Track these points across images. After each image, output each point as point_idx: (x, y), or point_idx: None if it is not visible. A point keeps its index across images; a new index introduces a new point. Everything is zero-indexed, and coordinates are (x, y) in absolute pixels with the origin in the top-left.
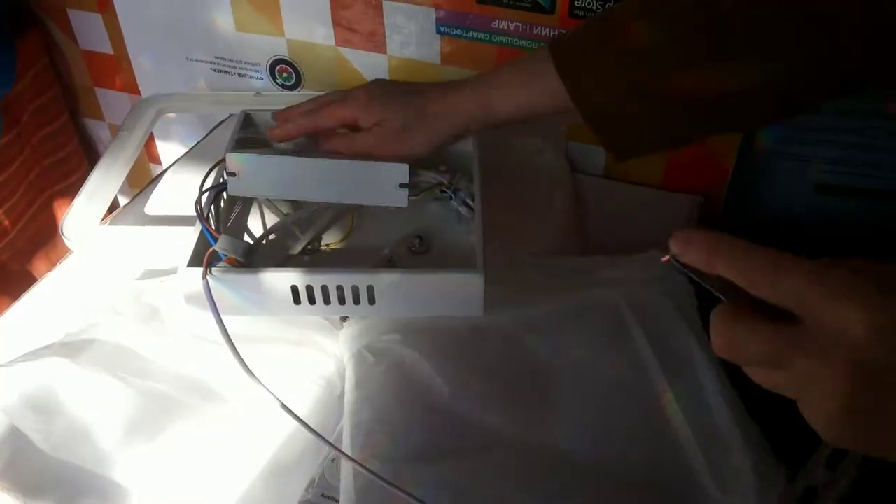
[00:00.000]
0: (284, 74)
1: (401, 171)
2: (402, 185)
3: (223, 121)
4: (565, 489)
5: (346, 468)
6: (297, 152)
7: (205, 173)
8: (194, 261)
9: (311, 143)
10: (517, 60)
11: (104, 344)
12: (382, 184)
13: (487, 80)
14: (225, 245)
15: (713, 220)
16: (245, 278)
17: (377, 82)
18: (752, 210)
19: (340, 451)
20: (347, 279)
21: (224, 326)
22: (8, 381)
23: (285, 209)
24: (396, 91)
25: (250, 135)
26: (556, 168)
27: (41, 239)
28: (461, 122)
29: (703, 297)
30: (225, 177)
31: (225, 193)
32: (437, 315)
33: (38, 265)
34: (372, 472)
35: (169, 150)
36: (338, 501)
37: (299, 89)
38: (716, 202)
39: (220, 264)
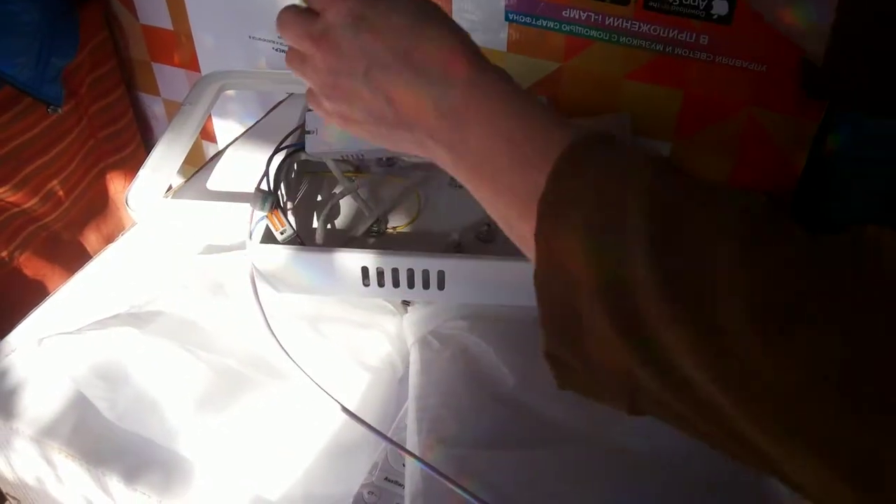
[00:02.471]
0: None
1: None
2: None
3: (282, 101)
4: (629, 487)
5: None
6: None
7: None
8: (266, 237)
9: None
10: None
11: (170, 316)
12: None
13: None
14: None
15: None
16: (316, 257)
17: None
18: (819, 215)
19: (396, 444)
20: (419, 263)
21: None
22: (76, 349)
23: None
24: None
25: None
26: None
27: (93, 211)
28: None
29: None
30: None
31: (294, 168)
32: (506, 304)
33: (89, 236)
34: (427, 465)
35: (226, 129)
36: (402, 486)
37: None
38: (782, 204)
39: (293, 242)
